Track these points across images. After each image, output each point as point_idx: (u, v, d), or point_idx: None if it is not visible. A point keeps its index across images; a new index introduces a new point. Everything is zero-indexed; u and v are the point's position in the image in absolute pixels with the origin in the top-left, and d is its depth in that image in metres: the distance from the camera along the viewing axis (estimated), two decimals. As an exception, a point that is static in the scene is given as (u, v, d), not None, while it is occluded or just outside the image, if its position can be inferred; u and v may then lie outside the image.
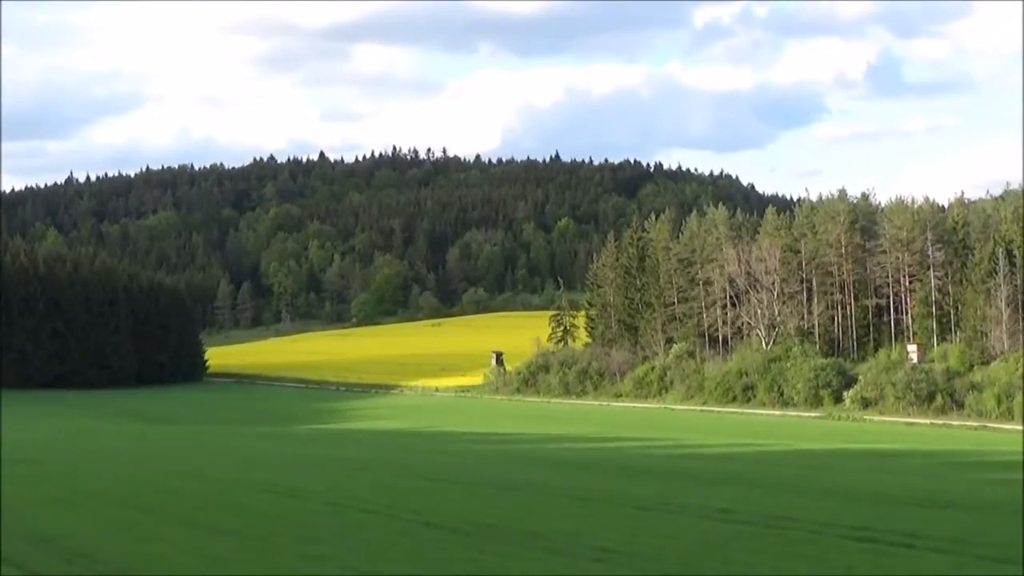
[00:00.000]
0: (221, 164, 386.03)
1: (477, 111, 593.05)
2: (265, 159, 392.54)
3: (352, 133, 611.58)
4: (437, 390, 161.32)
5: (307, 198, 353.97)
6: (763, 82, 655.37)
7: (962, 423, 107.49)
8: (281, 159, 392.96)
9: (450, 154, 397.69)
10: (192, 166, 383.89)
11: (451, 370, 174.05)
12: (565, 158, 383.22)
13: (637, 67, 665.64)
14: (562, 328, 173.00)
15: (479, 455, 61.77)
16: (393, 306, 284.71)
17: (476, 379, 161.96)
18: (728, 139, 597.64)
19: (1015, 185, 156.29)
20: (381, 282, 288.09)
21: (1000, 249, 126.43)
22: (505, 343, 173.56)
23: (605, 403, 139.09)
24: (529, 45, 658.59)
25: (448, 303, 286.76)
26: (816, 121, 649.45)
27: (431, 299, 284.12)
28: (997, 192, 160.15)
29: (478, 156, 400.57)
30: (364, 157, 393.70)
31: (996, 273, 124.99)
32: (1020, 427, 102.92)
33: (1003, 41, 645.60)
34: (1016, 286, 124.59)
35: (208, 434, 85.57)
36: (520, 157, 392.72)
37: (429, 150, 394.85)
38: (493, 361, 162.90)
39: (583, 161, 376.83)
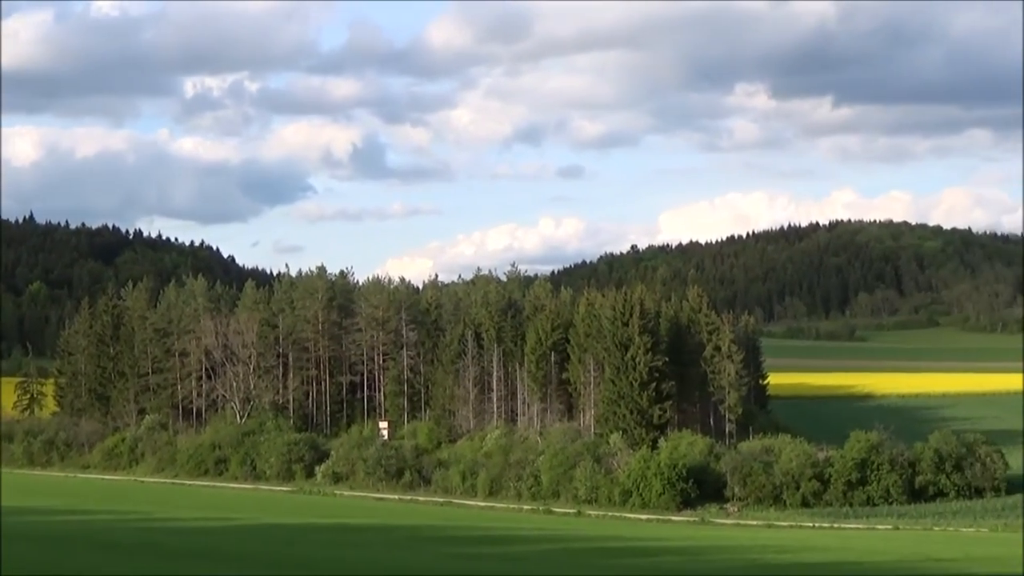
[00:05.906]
0: None
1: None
2: None
3: None
4: None
5: None
6: (251, 157, 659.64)
7: (429, 498, 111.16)
8: None
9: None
10: None
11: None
12: (40, 220, 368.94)
13: (123, 132, 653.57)
14: (28, 396, 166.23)
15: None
16: None
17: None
18: (212, 211, 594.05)
19: (485, 271, 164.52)
20: None
21: (469, 331, 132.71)
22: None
23: (72, 474, 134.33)
24: (8, 100, 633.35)
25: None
26: (301, 199, 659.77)
27: None
28: (469, 277, 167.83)
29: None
30: None
31: (465, 354, 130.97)
32: (482, 503, 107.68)
33: (482, 134, 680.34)
34: (483, 367, 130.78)
35: None
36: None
37: None
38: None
39: (59, 224, 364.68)
